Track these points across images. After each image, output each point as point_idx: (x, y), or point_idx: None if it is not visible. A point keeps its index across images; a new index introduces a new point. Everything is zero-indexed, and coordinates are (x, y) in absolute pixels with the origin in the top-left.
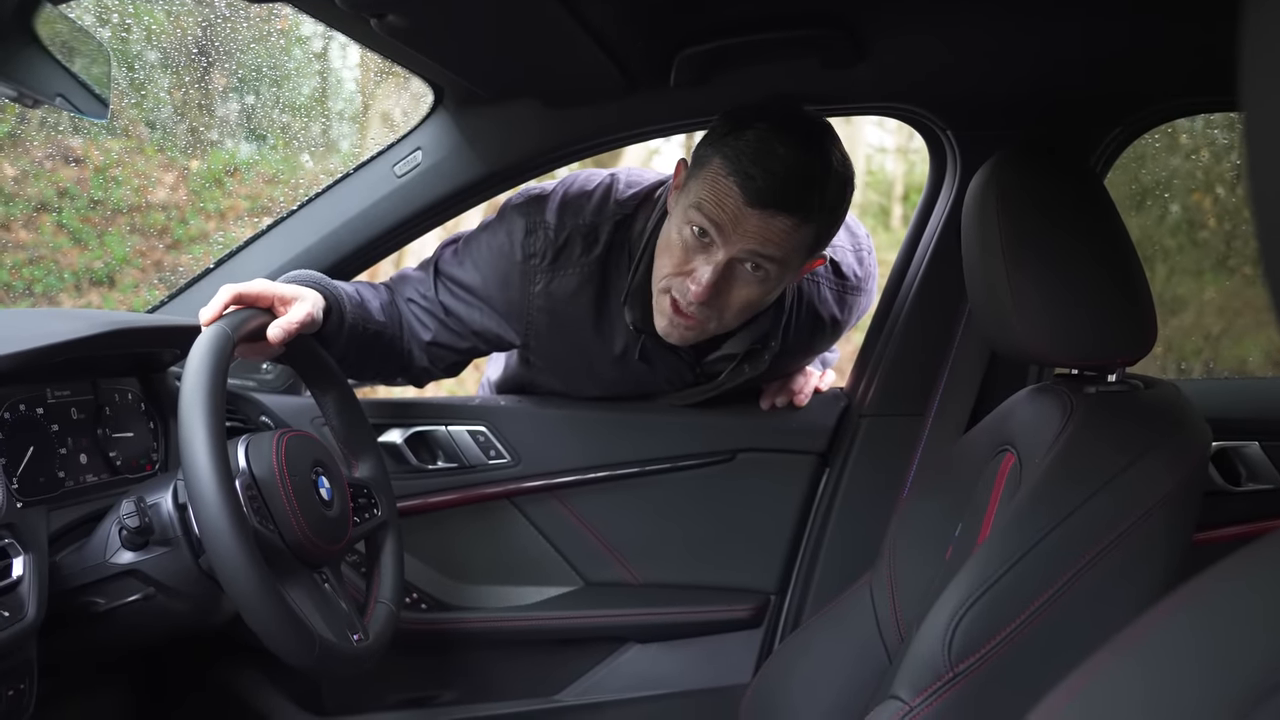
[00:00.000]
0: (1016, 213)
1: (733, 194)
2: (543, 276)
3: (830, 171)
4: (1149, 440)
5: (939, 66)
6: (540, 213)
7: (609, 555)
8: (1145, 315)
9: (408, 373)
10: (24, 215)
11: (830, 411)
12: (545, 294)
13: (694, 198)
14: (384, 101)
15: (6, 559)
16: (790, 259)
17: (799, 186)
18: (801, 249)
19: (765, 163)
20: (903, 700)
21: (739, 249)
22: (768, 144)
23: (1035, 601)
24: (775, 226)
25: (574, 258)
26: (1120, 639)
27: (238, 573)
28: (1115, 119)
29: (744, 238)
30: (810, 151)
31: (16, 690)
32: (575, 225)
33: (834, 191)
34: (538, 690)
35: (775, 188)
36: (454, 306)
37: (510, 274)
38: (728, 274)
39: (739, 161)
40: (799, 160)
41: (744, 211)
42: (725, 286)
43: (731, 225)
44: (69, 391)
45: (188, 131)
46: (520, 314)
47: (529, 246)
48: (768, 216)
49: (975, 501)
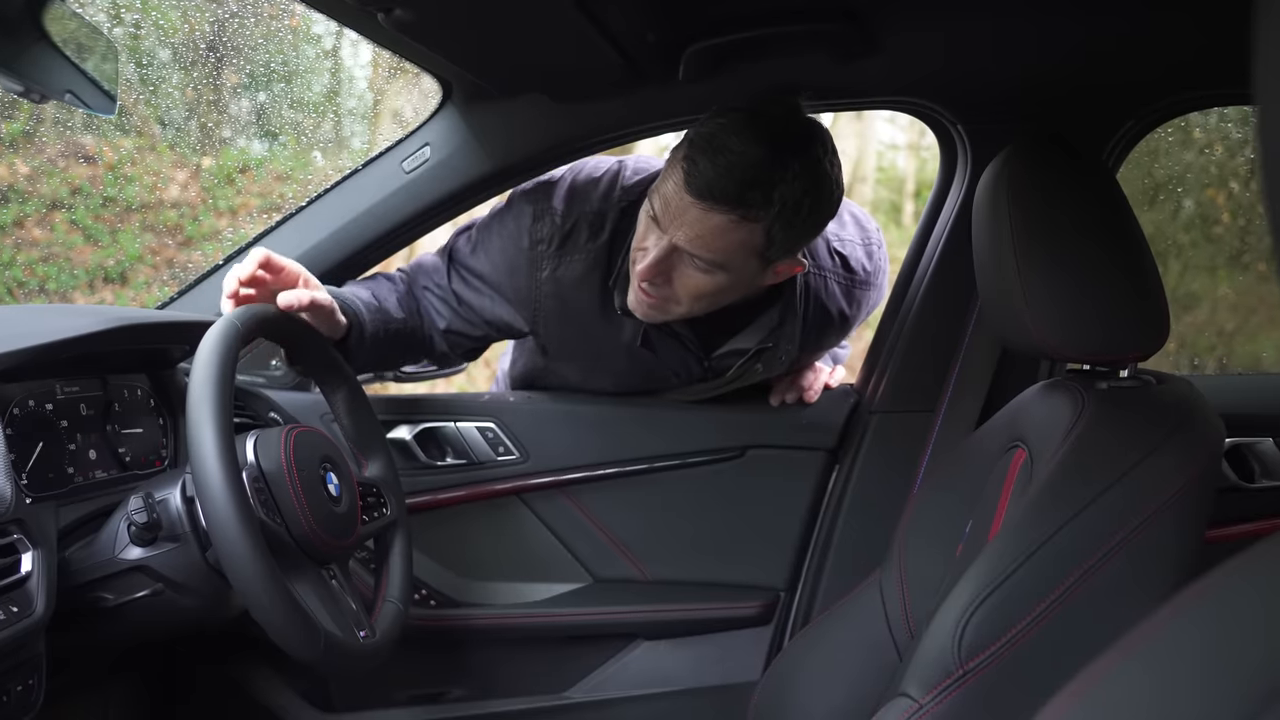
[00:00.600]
0: (1028, 206)
1: (678, 179)
2: (549, 263)
3: (790, 173)
4: (1161, 436)
5: (949, 60)
6: (547, 199)
7: (618, 552)
8: (1158, 310)
9: (430, 357)
10: (37, 213)
11: (840, 408)
12: (552, 280)
13: (659, 180)
14: (395, 99)
15: (15, 554)
16: (731, 261)
17: (740, 182)
18: (745, 250)
19: (713, 152)
20: (912, 698)
21: (679, 238)
22: (724, 135)
23: (1046, 599)
24: (711, 221)
25: (580, 244)
26: (1126, 641)
27: (243, 563)
28: (1127, 112)
29: (683, 226)
30: (769, 149)
31: (26, 685)
32: (582, 212)
33: (791, 194)
34: (546, 687)
35: (713, 179)
36: (466, 295)
37: (518, 260)
38: (674, 261)
39: (692, 147)
40: (751, 154)
41: (684, 199)
42: (670, 271)
43: (674, 213)
44: (78, 387)
45: (200, 129)
46: (528, 300)
47: (536, 233)
48: (705, 208)
49: (986, 498)
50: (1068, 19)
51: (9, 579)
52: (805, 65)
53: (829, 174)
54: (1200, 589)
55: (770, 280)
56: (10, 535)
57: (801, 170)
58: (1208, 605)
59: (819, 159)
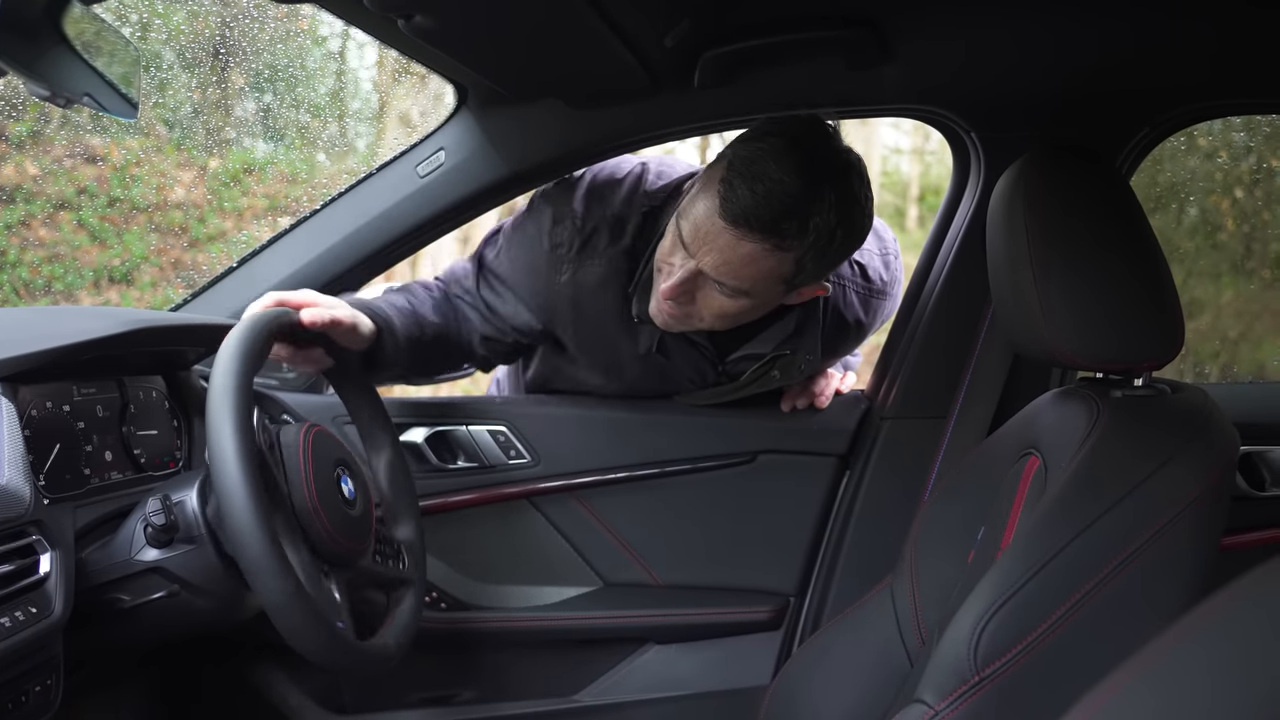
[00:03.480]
0: (1044, 214)
1: (712, 203)
2: (569, 266)
3: (826, 205)
4: (1176, 446)
5: (963, 68)
6: (568, 202)
7: (628, 556)
8: (1172, 318)
9: (470, 361)
10: (44, 213)
11: (851, 414)
12: (571, 283)
13: (690, 198)
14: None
15: (34, 555)
16: (757, 288)
17: (776, 211)
18: (773, 278)
19: (751, 180)
20: (928, 704)
21: (707, 264)
22: (763, 161)
23: (1062, 606)
24: (743, 249)
25: (600, 248)
26: (1134, 662)
27: (256, 553)
28: (1142, 120)
29: (712, 252)
30: (806, 179)
31: (44, 686)
32: (602, 216)
33: (825, 225)
34: (557, 690)
35: (750, 207)
36: (492, 301)
37: (538, 263)
38: (698, 283)
39: (731, 170)
40: (789, 184)
41: (716, 224)
42: (694, 292)
43: (704, 237)
44: (95, 389)
45: (206, 130)
46: (546, 304)
47: (556, 235)
48: (738, 235)
49: (998, 505)
50: (1083, 27)
51: (28, 580)
52: (820, 72)
53: (862, 205)
54: (1208, 609)
55: (793, 301)
56: (29, 536)
57: (837, 201)
58: (1216, 627)
59: (855, 189)
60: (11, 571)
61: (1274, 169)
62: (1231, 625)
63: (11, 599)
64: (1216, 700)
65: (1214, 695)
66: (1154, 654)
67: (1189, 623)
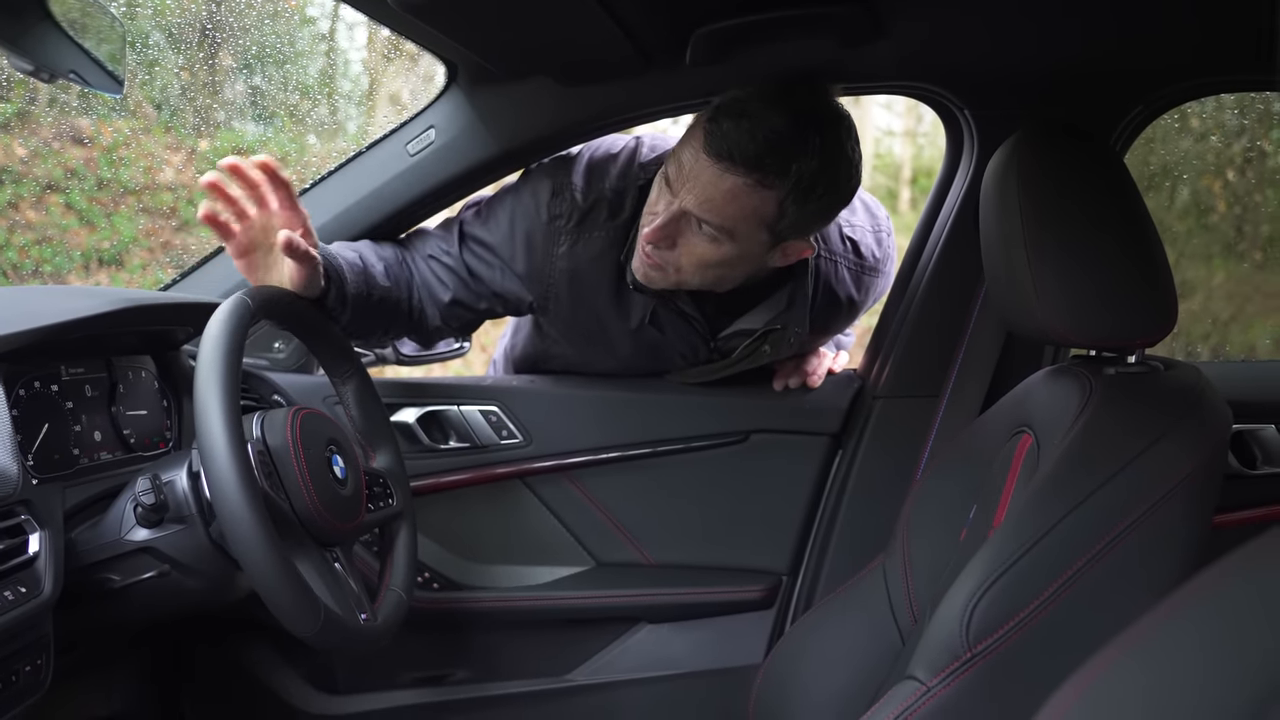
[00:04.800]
0: (1037, 192)
1: (698, 140)
2: (567, 238)
3: (810, 150)
4: (1169, 423)
5: (957, 44)
6: (567, 175)
7: (621, 535)
8: (1166, 296)
9: (416, 332)
10: (32, 195)
11: (844, 393)
12: (569, 256)
13: (678, 143)
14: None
15: (23, 535)
16: (739, 229)
17: (760, 146)
18: (754, 219)
19: (736, 116)
20: (920, 680)
21: (689, 201)
22: (750, 103)
23: (1054, 583)
24: (725, 183)
25: (600, 221)
26: (1124, 637)
27: (245, 532)
28: (1135, 97)
29: (695, 189)
30: (794, 123)
31: (34, 665)
32: (601, 190)
33: (808, 169)
34: (549, 670)
35: (734, 140)
36: (476, 267)
37: (534, 234)
38: (681, 226)
39: (718, 109)
40: (774, 124)
41: (701, 160)
42: (676, 237)
43: (689, 174)
44: (83, 369)
45: (196, 111)
46: (541, 276)
47: (555, 208)
48: (721, 169)
49: (991, 483)
50: (1077, 3)
51: (17, 560)
52: (812, 49)
53: (849, 158)
54: (1199, 585)
55: (779, 261)
56: (17, 516)
57: (822, 147)
58: (1207, 603)
59: (841, 141)
60: (0, 551)
61: (1266, 150)
62: (1222, 601)
63: (0, 579)
64: (1208, 675)
65: (1205, 670)
66: (1145, 630)
67: (1180, 598)
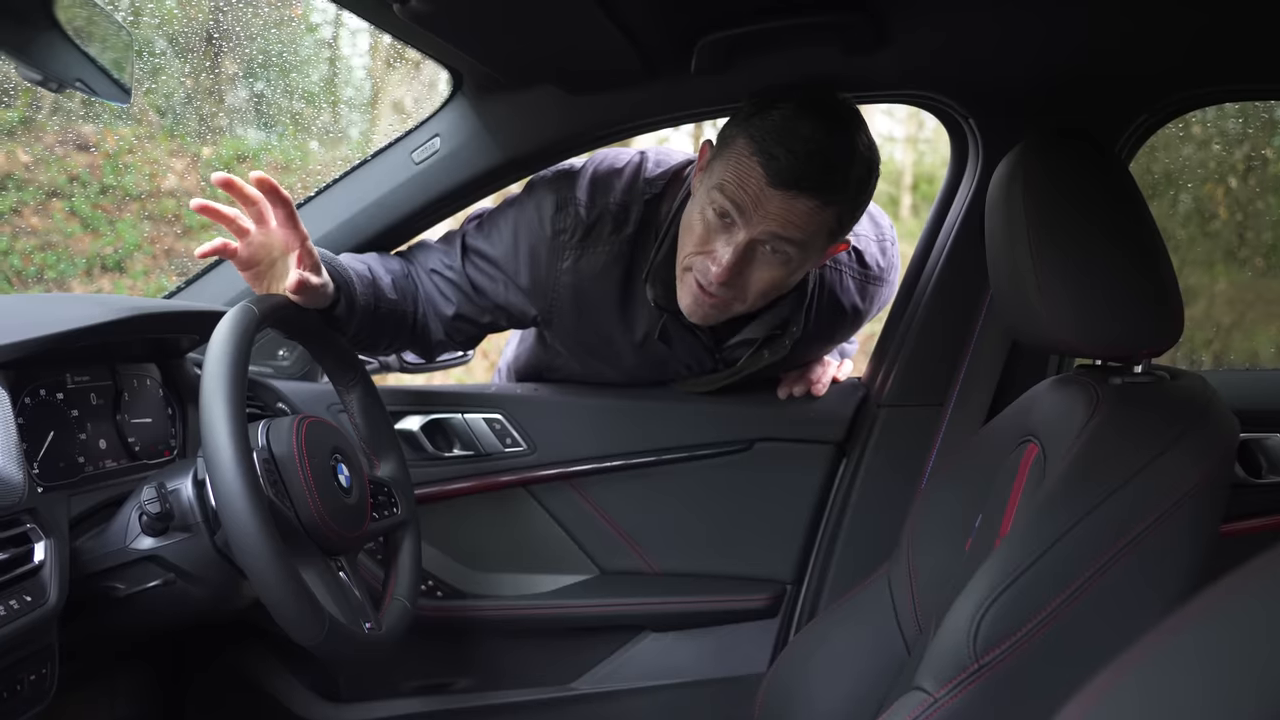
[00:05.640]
0: (1043, 201)
1: (755, 174)
2: (571, 253)
3: (855, 155)
4: (1176, 434)
5: (960, 53)
6: (571, 189)
7: (625, 544)
8: (1172, 306)
9: (419, 345)
10: (36, 201)
11: (848, 401)
12: (573, 270)
13: (717, 179)
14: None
15: (29, 544)
16: (811, 241)
17: (822, 167)
18: (823, 232)
19: (789, 143)
20: (927, 691)
21: (760, 230)
22: (792, 124)
23: (1061, 594)
24: (798, 208)
25: (604, 236)
26: (1128, 656)
27: (249, 539)
28: (1141, 106)
29: (765, 219)
30: (835, 133)
31: (39, 675)
32: (606, 204)
33: (858, 175)
34: (553, 678)
35: (798, 168)
36: (479, 280)
37: (538, 249)
38: (748, 255)
39: (763, 141)
40: (824, 141)
41: (766, 192)
42: (745, 267)
43: (753, 206)
44: (88, 377)
45: (199, 118)
46: (544, 290)
47: (559, 222)
48: (790, 198)
49: (996, 492)
50: (1081, 11)
51: (22, 568)
52: (817, 58)
53: (873, 148)
54: (1203, 604)
55: (823, 261)
56: (23, 525)
57: (859, 150)
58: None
59: (865, 136)
60: (6, 560)
61: (1268, 157)
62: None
63: (6, 587)
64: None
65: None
66: (1148, 649)
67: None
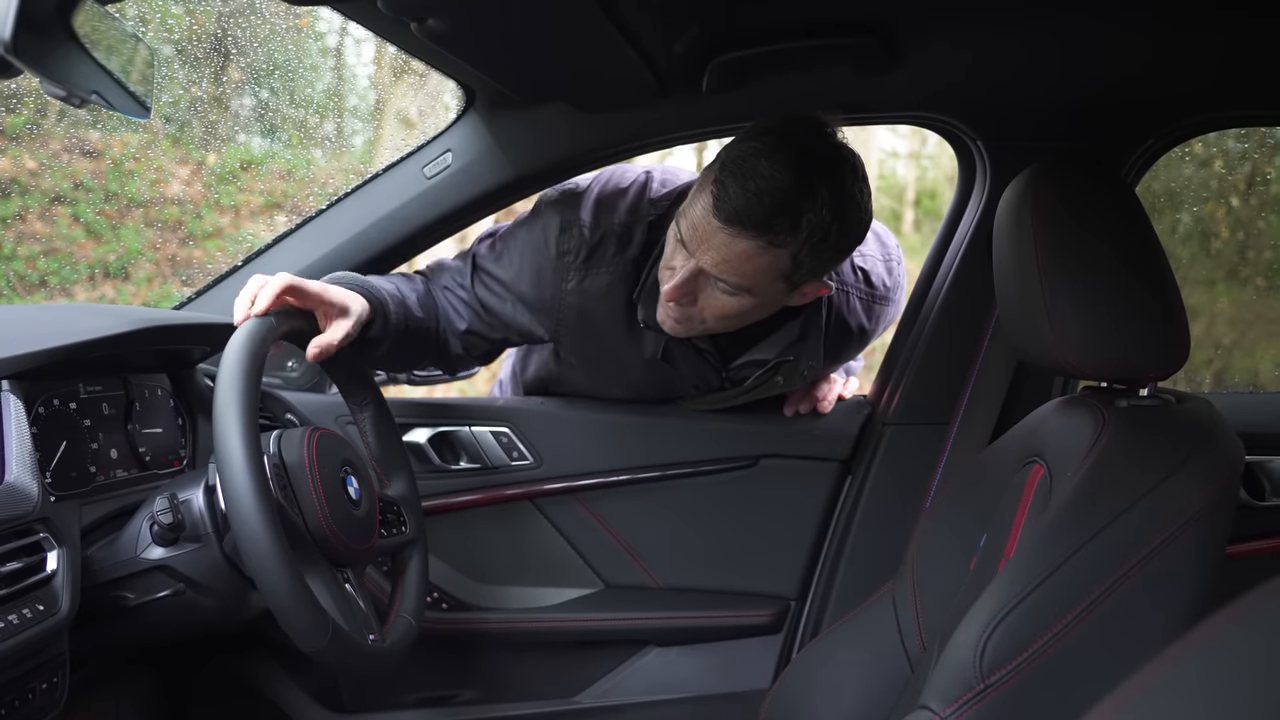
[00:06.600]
0: (1052, 224)
1: (706, 204)
2: (576, 274)
3: (819, 201)
4: (1182, 457)
5: (971, 76)
6: (575, 210)
7: (630, 558)
8: (1178, 329)
9: (442, 360)
10: (39, 207)
11: (854, 419)
12: (578, 291)
13: (689, 200)
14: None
15: (41, 553)
16: (758, 285)
17: (769, 209)
18: (770, 274)
19: (743, 178)
20: (933, 710)
21: (705, 262)
22: (754, 159)
23: (1067, 616)
24: (738, 246)
25: (608, 257)
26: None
27: (257, 540)
28: (1149, 130)
29: (709, 251)
30: (799, 174)
31: (49, 683)
32: (609, 225)
33: (820, 223)
34: (557, 691)
35: (741, 205)
36: (489, 300)
37: (543, 269)
38: (700, 284)
39: (721, 171)
40: (779, 181)
41: (710, 224)
42: (697, 294)
43: (701, 236)
44: (100, 387)
45: (203, 126)
46: (551, 310)
47: (563, 243)
48: (732, 234)
49: (1001, 512)
50: (1092, 36)
51: (35, 577)
52: (829, 79)
53: (857, 200)
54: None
55: (796, 301)
56: (36, 534)
57: (830, 197)
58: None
59: (847, 186)
60: (19, 569)
61: (1269, 177)
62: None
63: (18, 596)
64: None
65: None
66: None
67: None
